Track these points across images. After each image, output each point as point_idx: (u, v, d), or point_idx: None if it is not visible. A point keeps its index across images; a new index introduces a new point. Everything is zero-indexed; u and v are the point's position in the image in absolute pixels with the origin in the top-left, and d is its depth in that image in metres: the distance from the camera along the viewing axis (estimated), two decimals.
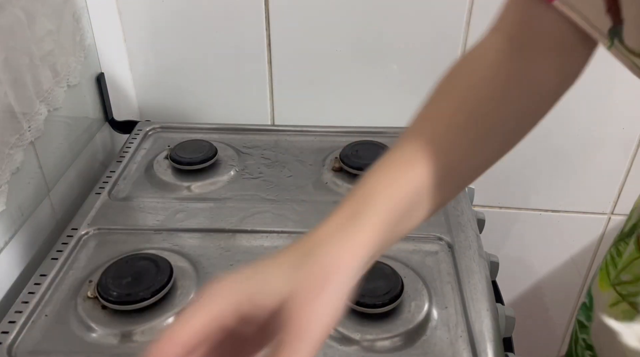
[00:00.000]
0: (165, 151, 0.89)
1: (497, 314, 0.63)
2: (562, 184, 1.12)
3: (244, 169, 0.87)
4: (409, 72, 1.01)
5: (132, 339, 0.59)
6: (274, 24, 0.98)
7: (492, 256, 0.73)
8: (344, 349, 0.58)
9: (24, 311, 0.62)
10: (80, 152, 0.88)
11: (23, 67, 0.69)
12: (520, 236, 1.20)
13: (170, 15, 0.99)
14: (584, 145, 1.05)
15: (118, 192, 0.82)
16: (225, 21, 0.98)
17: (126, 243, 0.72)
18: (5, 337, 0.59)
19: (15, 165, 0.68)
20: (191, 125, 0.99)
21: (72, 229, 0.74)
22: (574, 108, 1.02)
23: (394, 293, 0.61)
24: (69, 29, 0.81)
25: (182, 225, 0.75)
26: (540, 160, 1.10)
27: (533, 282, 1.25)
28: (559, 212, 1.14)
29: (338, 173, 0.85)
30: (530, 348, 0.79)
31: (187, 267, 0.67)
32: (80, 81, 0.85)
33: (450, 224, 0.74)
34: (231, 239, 0.73)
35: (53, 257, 0.69)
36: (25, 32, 0.69)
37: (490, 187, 1.12)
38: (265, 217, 0.76)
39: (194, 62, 1.03)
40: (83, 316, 0.61)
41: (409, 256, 0.70)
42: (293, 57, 1.01)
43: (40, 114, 0.74)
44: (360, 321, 0.60)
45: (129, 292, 0.61)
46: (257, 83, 1.04)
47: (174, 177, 0.84)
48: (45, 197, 0.77)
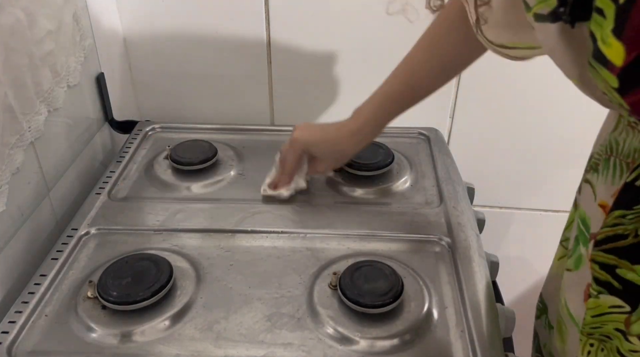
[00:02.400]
0: (165, 151, 0.89)
1: (497, 314, 0.63)
2: (562, 184, 1.12)
3: (243, 169, 0.87)
4: None
5: (132, 339, 0.59)
6: (274, 24, 0.98)
7: (492, 256, 0.73)
8: (344, 349, 0.58)
9: (24, 311, 0.62)
10: (80, 152, 0.88)
11: (23, 67, 0.69)
12: (520, 236, 1.20)
13: (170, 15, 0.99)
14: (584, 146, 1.05)
15: (118, 192, 0.82)
16: (225, 21, 0.99)
17: (126, 243, 0.72)
18: (5, 337, 0.59)
19: (16, 165, 0.68)
20: (191, 126, 0.99)
21: (72, 229, 0.74)
22: (574, 108, 1.02)
23: (394, 293, 0.61)
24: (68, 29, 0.81)
25: (182, 225, 0.75)
26: (540, 161, 1.10)
27: (533, 282, 1.25)
28: (559, 212, 1.14)
29: (338, 173, 0.85)
30: (530, 348, 0.79)
31: (187, 267, 0.67)
32: (80, 81, 0.85)
33: (450, 224, 0.74)
34: (231, 239, 0.73)
35: (53, 257, 0.69)
36: (25, 32, 0.69)
37: (490, 187, 1.12)
38: (265, 217, 0.76)
39: (194, 62, 1.03)
40: (83, 316, 0.61)
41: (409, 256, 0.70)
42: (293, 57, 1.02)
43: (40, 114, 0.74)
44: (360, 321, 0.60)
45: (129, 292, 0.61)
46: (257, 83, 1.05)
47: (174, 178, 0.84)
48: (45, 197, 0.77)
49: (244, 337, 0.59)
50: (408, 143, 0.94)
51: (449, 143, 1.09)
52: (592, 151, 0.55)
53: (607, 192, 0.47)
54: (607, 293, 0.46)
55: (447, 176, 0.84)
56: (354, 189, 0.82)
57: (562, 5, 0.37)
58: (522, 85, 1.02)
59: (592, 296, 0.47)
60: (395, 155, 0.87)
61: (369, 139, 0.76)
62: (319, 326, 0.60)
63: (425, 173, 0.86)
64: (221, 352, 0.58)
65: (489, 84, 1.02)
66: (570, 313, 0.53)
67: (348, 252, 0.70)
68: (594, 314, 0.48)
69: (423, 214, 0.77)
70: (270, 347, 0.58)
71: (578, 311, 0.51)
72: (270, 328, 0.60)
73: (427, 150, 0.93)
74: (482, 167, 1.11)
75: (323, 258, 0.70)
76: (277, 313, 0.62)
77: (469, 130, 1.08)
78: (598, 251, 0.46)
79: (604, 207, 0.47)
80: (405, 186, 0.84)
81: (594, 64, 0.35)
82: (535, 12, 0.40)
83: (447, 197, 0.80)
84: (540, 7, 0.39)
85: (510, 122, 1.06)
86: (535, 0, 0.39)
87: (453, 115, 1.06)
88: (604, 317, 0.47)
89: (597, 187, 0.50)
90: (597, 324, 0.48)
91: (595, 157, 0.52)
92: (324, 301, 0.63)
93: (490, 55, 0.84)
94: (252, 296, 0.64)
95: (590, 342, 0.49)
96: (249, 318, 0.62)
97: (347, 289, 0.61)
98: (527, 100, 1.04)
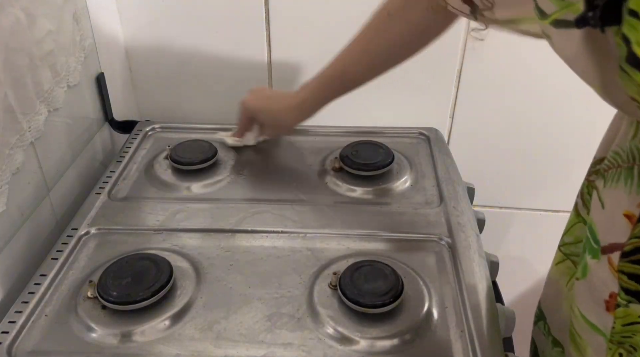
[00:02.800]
0: (165, 151, 0.89)
1: (497, 314, 0.63)
2: (562, 184, 1.12)
3: (243, 169, 0.87)
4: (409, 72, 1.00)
5: (132, 339, 0.59)
6: (274, 24, 0.98)
7: (492, 256, 0.73)
8: (344, 349, 0.58)
9: (24, 311, 0.62)
10: (80, 152, 0.88)
11: (23, 67, 0.69)
12: (520, 236, 1.20)
13: (170, 15, 0.99)
14: (584, 146, 1.05)
15: (118, 192, 0.82)
16: (225, 21, 0.99)
17: (126, 243, 0.72)
18: (5, 337, 0.59)
19: (16, 165, 0.68)
20: (191, 126, 0.99)
21: (72, 229, 0.74)
22: (575, 108, 1.02)
23: (394, 293, 0.61)
24: (68, 29, 0.81)
25: (182, 225, 0.75)
26: (541, 161, 1.10)
27: (533, 282, 1.25)
28: (559, 212, 1.14)
29: (338, 173, 0.85)
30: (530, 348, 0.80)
31: (187, 267, 0.67)
32: (80, 81, 0.85)
33: (450, 224, 0.74)
34: (231, 239, 0.73)
35: (53, 257, 0.69)
36: (26, 32, 0.69)
37: (490, 187, 1.12)
38: (265, 217, 0.76)
39: (194, 62, 1.03)
40: (83, 316, 0.61)
41: (409, 256, 0.70)
42: (293, 57, 1.02)
43: (40, 114, 0.74)
44: (360, 321, 0.60)
45: (129, 292, 0.61)
46: (257, 83, 1.04)
47: (174, 177, 0.84)
48: (45, 197, 0.77)
49: (244, 337, 0.59)
50: (408, 143, 0.94)
51: (449, 143, 1.09)
52: (598, 156, 0.55)
53: (633, 202, 0.46)
54: (636, 302, 0.46)
55: (447, 176, 0.84)
56: (354, 189, 0.82)
57: (590, 10, 0.36)
58: (522, 85, 1.02)
59: (621, 305, 0.47)
60: (395, 155, 0.87)
61: (308, 115, 0.82)
62: (319, 326, 0.60)
63: (425, 173, 0.86)
64: (221, 352, 0.58)
65: (489, 84, 1.02)
66: (591, 323, 0.52)
67: (348, 252, 0.70)
68: (624, 323, 0.48)
69: (423, 214, 0.77)
70: (270, 347, 0.58)
71: (602, 320, 0.51)
72: (270, 328, 0.60)
73: (427, 150, 0.93)
74: (482, 167, 1.11)
75: (323, 258, 0.70)
76: (277, 313, 0.62)
77: (469, 130, 1.08)
78: (626, 262, 0.46)
79: (630, 217, 0.46)
80: (405, 185, 0.84)
81: (627, 68, 0.34)
82: (555, 18, 0.39)
83: (447, 197, 0.80)
84: (562, 14, 0.39)
85: (510, 122, 1.06)
86: (556, 7, 0.39)
87: (453, 115, 1.06)
88: (634, 327, 0.47)
89: (604, 194, 0.49)
90: (629, 333, 0.48)
91: (605, 163, 0.50)
92: (324, 300, 0.63)
93: (490, 55, 0.84)
94: (252, 296, 0.64)
95: (619, 351, 0.49)
96: (249, 318, 0.62)
97: (347, 289, 0.61)
98: (527, 100, 1.03)
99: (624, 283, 0.47)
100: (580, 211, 0.60)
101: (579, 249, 0.60)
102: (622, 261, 0.46)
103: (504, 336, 0.63)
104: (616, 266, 0.47)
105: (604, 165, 0.50)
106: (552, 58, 0.45)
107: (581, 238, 0.60)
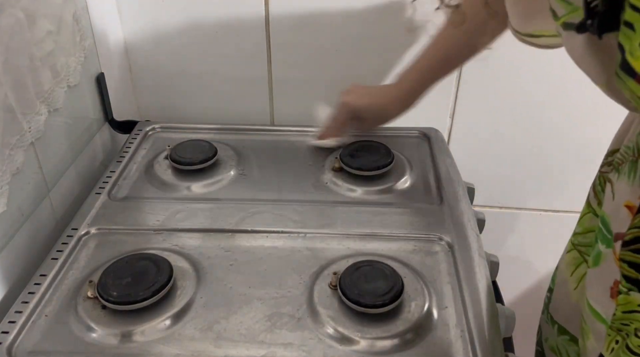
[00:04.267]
0: (165, 151, 0.89)
1: (497, 314, 0.63)
2: (562, 184, 1.12)
3: (243, 169, 0.87)
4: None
5: (132, 339, 0.59)
6: (274, 24, 0.98)
7: (492, 256, 0.73)
8: (344, 349, 0.58)
9: (24, 311, 0.62)
10: (80, 152, 0.88)
11: (23, 68, 0.69)
12: (520, 236, 1.20)
13: (170, 15, 0.99)
14: (585, 146, 1.05)
15: (118, 192, 0.82)
16: (225, 21, 0.99)
17: (126, 243, 0.72)
18: (5, 337, 0.59)
19: (16, 166, 0.68)
20: (191, 126, 0.99)
21: (72, 229, 0.74)
22: (575, 108, 1.02)
23: (394, 293, 0.61)
24: (68, 30, 0.81)
25: (182, 225, 0.75)
26: (541, 161, 1.10)
27: (533, 282, 1.25)
28: (559, 212, 1.14)
29: (338, 173, 0.85)
30: (530, 348, 0.79)
31: (187, 267, 0.67)
32: (80, 81, 0.85)
33: (450, 224, 0.74)
34: (231, 239, 0.73)
35: (53, 257, 0.69)
36: (26, 33, 0.69)
37: (490, 187, 1.12)
38: (265, 217, 0.76)
39: (194, 62, 1.03)
40: (83, 316, 0.61)
41: (409, 256, 0.70)
42: (293, 57, 1.02)
43: (40, 114, 0.74)
44: (360, 321, 0.60)
45: (129, 292, 0.61)
46: (257, 83, 1.05)
47: (174, 177, 0.84)
48: (45, 198, 0.77)
49: (244, 337, 0.59)
50: (408, 143, 0.94)
51: (449, 143, 1.09)
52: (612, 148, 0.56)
53: (634, 194, 0.48)
54: (637, 291, 0.47)
55: (447, 176, 0.84)
56: (354, 189, 0.82)
57: (589, 18, 0.37)
58: (522, 85, 1.02)
59: (622, 292, 0.48)
60: (395, 155, 0.87)
61: (412, 104, 0.85)
62: (319, 326, 0.60)
63: (425, 173, 0.86)
64: (221, 352, 0.58)
65: (489, 84, 1.02)
66: (595, 311, 0.53)
67: (348, 252, 0.70)
68: (624, 310, 0.49)
69: (423, 214, 0.77)
70: (270, 347, 0.58)
71: (604, 307, 0.52)
72: (270, 328, 0.60)
73: (427, 150, 0.93)
74: (482, 167, 1.11)
75: (323, 258, 0.70)
76: (277, 313, 0.62)
77: (469, 130, 1.08)
78: (626, 251, 0.47)
79: (631, 208, 0.48)
80: (405, 185, 0.84)
81: (621, 74, 0.36)
82: (564, 21, 0.41)
83: (447, 197, 0.80)
84: (569, 17, 0.40)
85: (511, 122, 1.06)
86: (565, 10, 0.40)
87: (453, 115, 1.06)
88: (633, 315, 0.48)
89: (616, 186, 0.51)
90: (627, 320, 0.49)
91: (618, 157, 0.52)
92: (324, 300, 0.63)
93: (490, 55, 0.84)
94: (252, 296, 0.64)
95: (616, 338, 0.50)
96: (249, 318, 0.62)
97: (347, 289, 0.61)
98: (528, 100, 1.04)
99: (625, 271, 0.48)
100: (592, 202, 0.62)
101: (587, 239, 0.62)
102: (623, 250, 0.48)
103: (504, 336, 0.63)
104: (618, 255, 0.48)
105: (617, 159, 0.52)
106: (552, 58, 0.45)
107: (590, 229, 0.62)
